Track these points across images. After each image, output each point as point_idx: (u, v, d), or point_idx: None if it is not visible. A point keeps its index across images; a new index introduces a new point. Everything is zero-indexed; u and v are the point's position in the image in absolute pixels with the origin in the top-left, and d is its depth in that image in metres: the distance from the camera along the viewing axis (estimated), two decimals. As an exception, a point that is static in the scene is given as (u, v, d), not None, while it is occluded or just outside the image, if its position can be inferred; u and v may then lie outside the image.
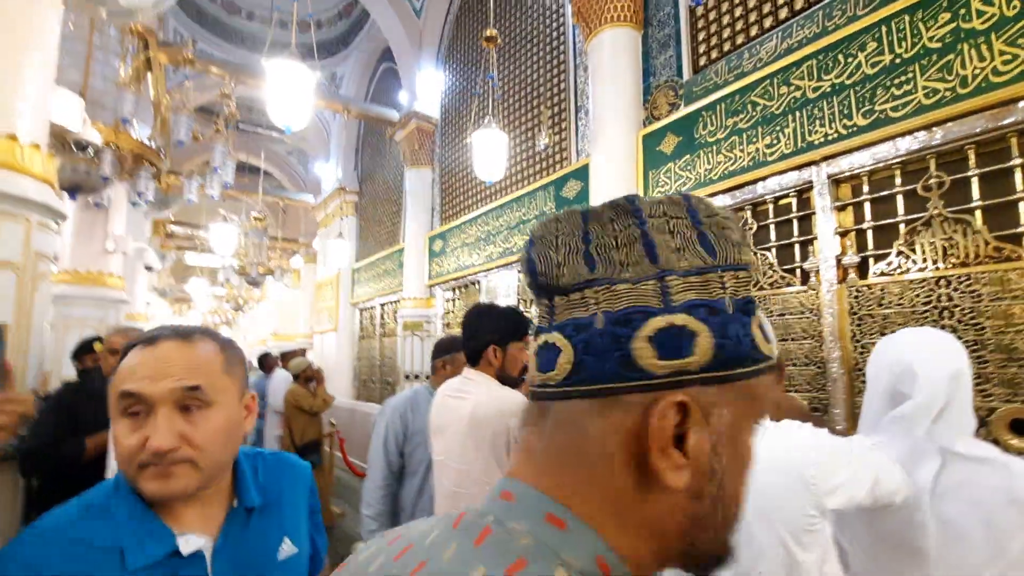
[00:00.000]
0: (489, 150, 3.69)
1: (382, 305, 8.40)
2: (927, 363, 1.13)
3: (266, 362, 6.64)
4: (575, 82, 4.91)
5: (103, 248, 4.97)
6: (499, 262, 5.61)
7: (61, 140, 2.72)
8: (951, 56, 2.50)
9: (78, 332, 4.58)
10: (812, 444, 1.06)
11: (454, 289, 6.66)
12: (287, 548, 0.84)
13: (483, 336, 1.65)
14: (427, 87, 7.00)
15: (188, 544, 0.73)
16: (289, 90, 2.74)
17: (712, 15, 3.81)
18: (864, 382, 2.76)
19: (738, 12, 3.64)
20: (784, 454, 1.07)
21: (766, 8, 3.46)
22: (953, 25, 2.50)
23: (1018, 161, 2.37)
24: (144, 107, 5.63)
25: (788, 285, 3.16)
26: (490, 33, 3.75)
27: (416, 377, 6.86)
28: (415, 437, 2.33)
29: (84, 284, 4.90)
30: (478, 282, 6.12)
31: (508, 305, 1.83)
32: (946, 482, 1.08)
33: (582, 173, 4.54)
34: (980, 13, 2.41)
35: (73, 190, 3.28)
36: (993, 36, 2.37)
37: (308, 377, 5.18)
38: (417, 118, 7.02)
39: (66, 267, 4.97)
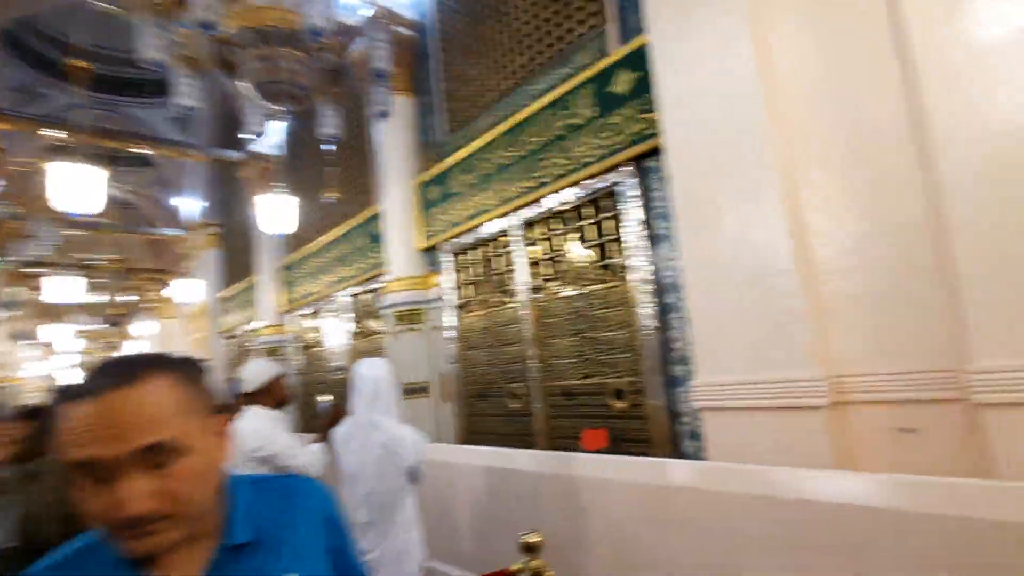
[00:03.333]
0: (274, 210, 4.47)
1: (248, 332, 8.86)
2: (366, 370, 2.12)
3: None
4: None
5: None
6: (333, 289, 6.39)
7: None
8: (568, 142, 3.61)
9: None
10: (251, 424, 2.00)
11: (304, 316, 7.33)
12: None
13: None
14: (268, 131, 7.59)
15: None
16: (77, 185, 3.39)
17: (456, 91, 4.81)
18: (548, 371, 3.82)
19: (470, 89, 4.64)
20: (238, 435, 2.01)
21: (484, 90, 4.49)
22: (567, 122, 3.61)
23: (607, 214, 3.50)
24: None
25: (504, 304, 4.21)
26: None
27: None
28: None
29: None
30: (321, 307, 6.84)
31: None
32: (367, 441, 2.04)
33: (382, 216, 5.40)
34: (579, 114, 3.53)
35: None
36: (584, 130, 3.49)
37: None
38: (258, 158, 7.59)
39: None
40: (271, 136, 7.68)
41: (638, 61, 3.13)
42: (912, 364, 2.19)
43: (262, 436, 1.94)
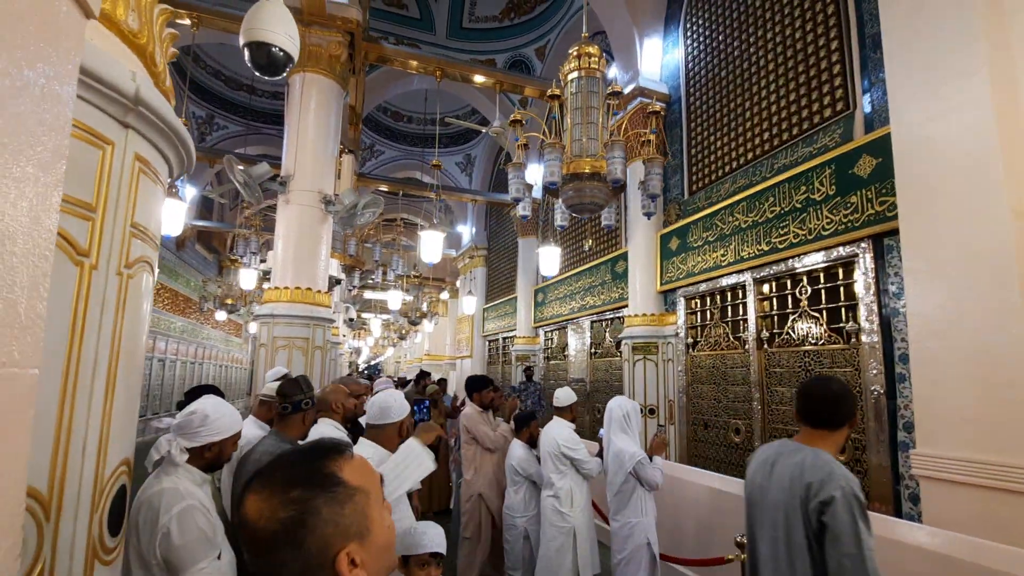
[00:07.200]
0: (547, 258, 5.81)
1: (504, 339, 10.80)
2: (615, 404, 2.99)
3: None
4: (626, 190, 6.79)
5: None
6: (578, 314, 7.62)
7: (330, 279, 5.62)
8: (805, 215, 4.04)
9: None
10: (561, 432, 2.98)
11: (551, 332, 8.77)
12: None
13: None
14: (532, 177, 9.30)
15: None
16: (431, 244, 5.21)
17: (699, 156, 5.50)
18: (771, 414, 4.32)
19: (712, 157, 5.30)
20: (548, 435, 3.01)
21: (726, 159, 5.10)
22: (806, 196, 4.04)
23: (842, 282, 3.84)
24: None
25: (733, 349, 4.76)
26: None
27: (526, 396, 9.02)
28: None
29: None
30: (566, 327, 8.16)
31: None
32: (608, 449, 2.91)
33: (626, 256, 6.39)
34: (818, 190, 3.95)
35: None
36: (823, 206, 3.90)
37: (435, 401, 7.44)
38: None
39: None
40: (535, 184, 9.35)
41: (880, 148, 3.45)
42: None
43: (572, 441, 3.02)
